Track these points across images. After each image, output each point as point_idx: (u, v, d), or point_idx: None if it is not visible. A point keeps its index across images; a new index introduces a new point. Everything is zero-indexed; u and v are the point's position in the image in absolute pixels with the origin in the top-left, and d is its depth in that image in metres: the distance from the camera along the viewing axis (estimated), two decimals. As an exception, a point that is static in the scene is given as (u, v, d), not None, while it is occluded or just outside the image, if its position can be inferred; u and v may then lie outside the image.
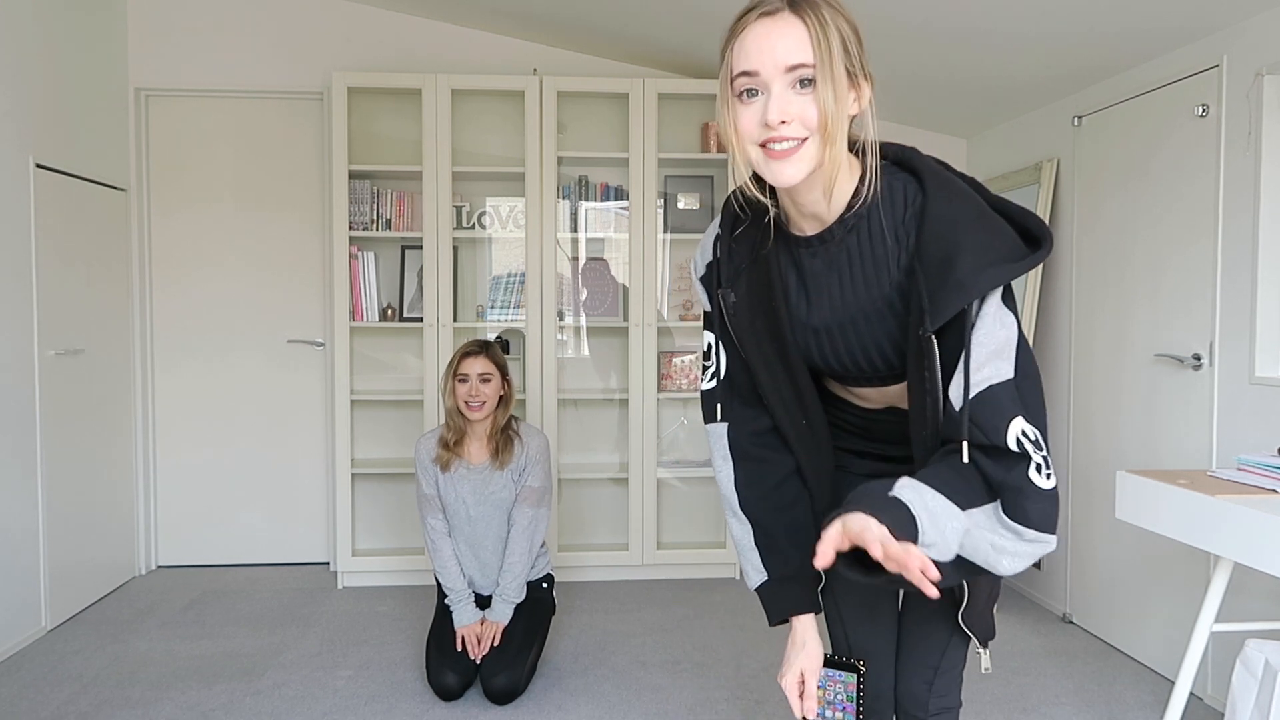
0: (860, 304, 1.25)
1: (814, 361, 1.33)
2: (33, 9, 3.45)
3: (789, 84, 1.13)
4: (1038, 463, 1.15)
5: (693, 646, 3.37)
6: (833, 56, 1.11)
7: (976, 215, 1.17)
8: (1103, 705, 2.85)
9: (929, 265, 1.15)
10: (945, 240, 1.15)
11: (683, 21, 3.70)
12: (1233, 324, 2.74)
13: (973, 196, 1.19)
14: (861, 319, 1.25)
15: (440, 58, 4.28)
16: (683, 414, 4.42)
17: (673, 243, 4.32)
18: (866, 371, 1.31)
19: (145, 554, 4.29)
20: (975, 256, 1.13)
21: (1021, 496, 1.14)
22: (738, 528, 1.47)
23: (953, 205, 1.17)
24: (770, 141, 1.14)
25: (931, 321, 1.14)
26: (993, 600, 1.48)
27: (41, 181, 3.47)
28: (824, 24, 1.12)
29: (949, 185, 1.19)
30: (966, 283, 1.12)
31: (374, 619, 3.66)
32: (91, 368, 3.84)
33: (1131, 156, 3.19)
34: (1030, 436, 1.15)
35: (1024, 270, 1.13)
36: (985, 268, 1.12)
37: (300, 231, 4.35)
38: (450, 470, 3.00)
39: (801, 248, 1.27)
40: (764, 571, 1.45)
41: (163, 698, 2.90)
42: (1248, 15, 2.66)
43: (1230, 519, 1.98)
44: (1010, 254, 1.14)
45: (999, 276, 1.13)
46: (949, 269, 1.13)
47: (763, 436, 1.44)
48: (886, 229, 1.21)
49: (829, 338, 1.29)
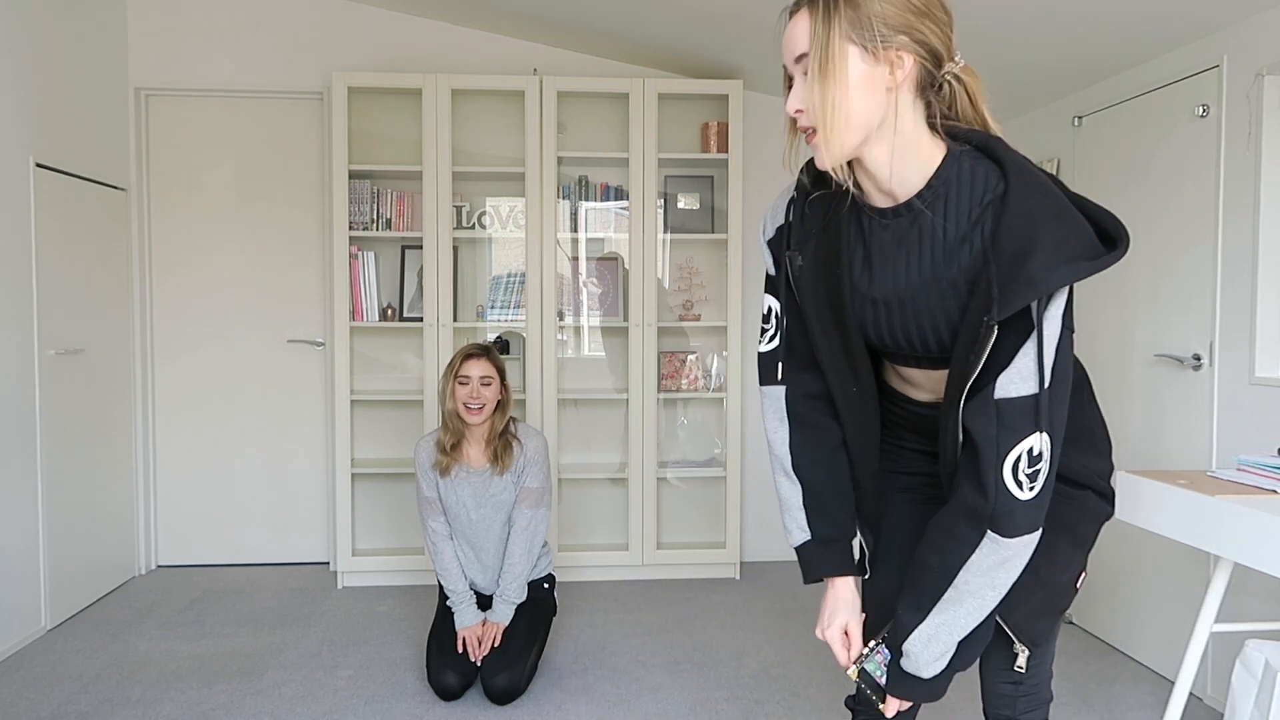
0: (924, 281, 1.27)
1: (868, 334, 1.35)
2: (33, 9, 3.45)
3: (801, 74, 1.20)
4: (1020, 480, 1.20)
5: (693, 646, 3.37)
6: (827, 38, 1.15)
7: (1056, 211, 1.17)
8: (1103, 705, 2.85)
9: (1003, 255, 1.16)
10: (1022, 233, 1.15)
11: (683, 21, 3.70)
12: (1233, 324, 2.74)
13: (1054, 191, 1.20)
14: (922, 296, 1.27)
15: (440, 58, 4.28)
16: (683, 414, 4.42)
17: (673, 243, 4.32)
18: (918, 350, 1.32)
19: (145, 554, 4.29)
20: (1050, 253, 1.13)
21: (1011, 516, 1.21)
22: (787, 487, 1.50)
23: (1033, 199, 1.17)
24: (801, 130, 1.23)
25: (999, 311, 1.16)
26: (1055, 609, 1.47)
27: (41, 181, 3.47)
28: (830, 8, 1.15)
29: (1032, 178, 1.20)
30: (1038, 278, 1.13)
31: (374, 619, 3.66)
32: (91, 368, 3.84)
33: (1132, 156, 3.19)
34: (1034, 453, 1.19)
35: (1097, 270, 1.14)
36: (1059, 265, 1.13)
37: (300, 231, 4.35)
38: (450, 475, 2.99)
39: (874, 219, 1.30)
40: (808, 531, 1.49)
41: (163, 697, 2.90)
42: (1248, 15, 2.66)
43: (1230, 519, 1.98)
44: (1085, 252, 1.14)
45: (1071, 274, 1.14)
46: (1022, 262, 1.14)
47: (818, 401, 1.47)
48: (962, 212, 1.22)
49: (887, 311, 1.31)
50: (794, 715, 2.79)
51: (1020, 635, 1.46)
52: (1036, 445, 1.18)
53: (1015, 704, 1.54)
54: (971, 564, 1.26)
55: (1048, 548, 1.38)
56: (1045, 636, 1.48)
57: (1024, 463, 1.19)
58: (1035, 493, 1.20)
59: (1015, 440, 1.18)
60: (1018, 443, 1.18)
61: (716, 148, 4.17)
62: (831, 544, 1.49)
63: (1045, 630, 1.47)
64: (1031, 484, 1.19)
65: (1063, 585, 1.44)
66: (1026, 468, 1.19)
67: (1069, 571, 1.43)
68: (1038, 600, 1.43)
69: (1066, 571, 1.43)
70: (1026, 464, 1.19)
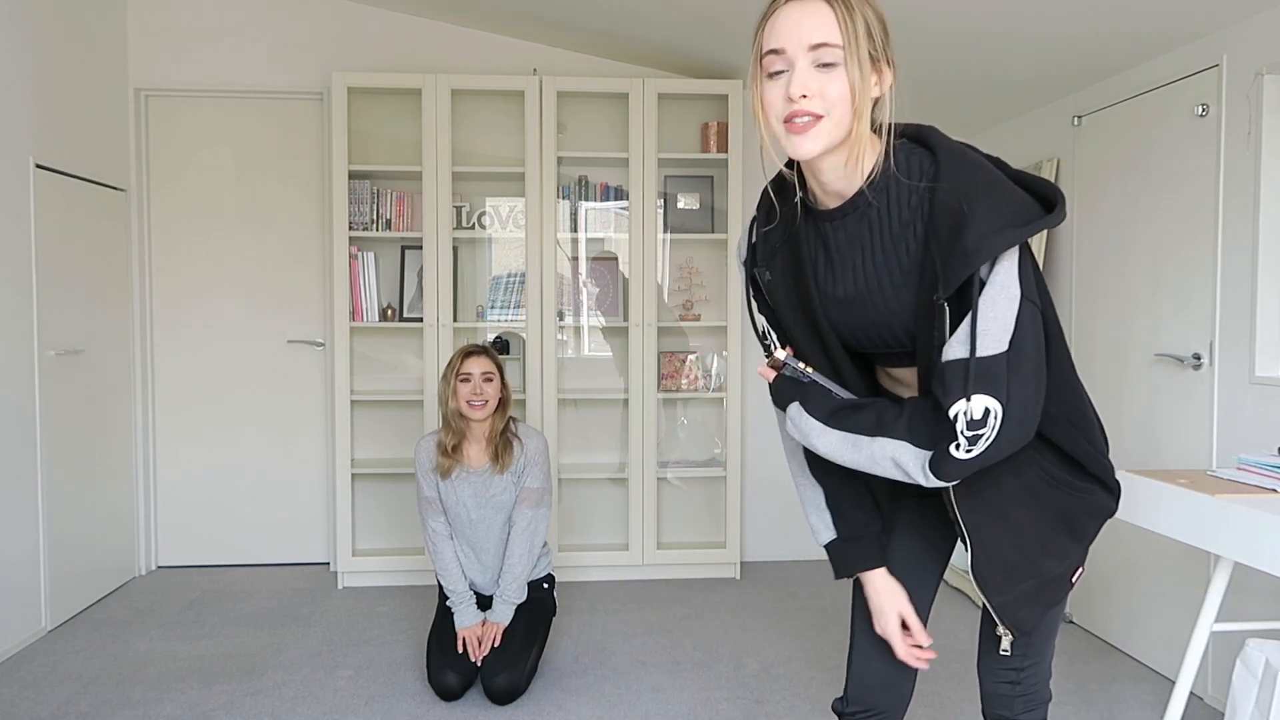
0: (880, 275, 1.30)
1: (843, 336, 1.38)
2: (33, 9, 3.45)
3: (811, 62, 1.21)
4: (959, 443, 1.22)
5: (693, 646, 3.37)
6: (858, 38, 1.20)
7: (985, 184, 1.21)
8: (1103, 705, 2.85)
9: (940, 233, 1.21)
10: (955, 209, 1.20)
11: (683, 21, 3.70)
12: (1233, 324, 2.74)
13: (985, 165, 1.24)
14: (880, 290, 1.31)
15: (440, 58, 4.28)
16: (683, 414, 4.42)
17: (673, 243, 4.32)
18: (892, 345, 1.35)
19: (145, 554, 4.29)
20: (982, 223, 1.17)
21: (942, 459, 1.24)
22: (809, 489, 1.53)
23: (962, 174, 1.22)
24: (792, 116, 1.21)
25: (944, 288, 1.19)
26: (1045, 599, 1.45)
27: (41, 181, 3.47)
28: (850, 9, 1.20)
29: (960, 156, 1.25)
30: (972, 249, 1.17)
31: (374, 619, 3.66)
32: (91, 368, 3.83)
33: (1131, 156, 3.19)
34: (976, 418, 1.20)
35: (1030, 234, 1.18)
36: (991, 234, 1.17)
37: (300, 231, 4.35)
38: (451, 476, 2.99)
39: (825, 221, 1.33)
40: (834, 530, 1.52)
41: (163, 698, 2.90)
42: (1247, 15, 2.66)
43: (1230, 518, 1.98)
44: (1017, 219, 1.18)
45: (1005, 241, 1.17)
46: (958, 236, 1.18)
47: None
48: (903, 201, 1.27)
49: (854, 310, 1.34)
50: (794, 715, 2.78)
51: (1004, 618, 1.45)
52: (975, 411, 1.20)
53: (1013, 704, 1.54)
54: (878, 442, 1.29)
55: (1043, 536, 1.39)
56: (1031, 625, 1.46)
57: (961, 424, 1.21)
58: (971, 455, 1.22)
59: (950, 400, 1.21)
60: (952, 403, 1.21)
61: (716, 148, 4.17)
62: (857, 541, 1.51)
63: (1030, 618, 1.46)
64: (970, 447, 1.22)
65: (1056, 576, 1.43)
66: (965, 429, 1.21)
67: (1065, 563, 1.43)
68: (1026, 587, 1.42)
69: (1062, 563, 1.42)
70: (965, 426, 1.21)
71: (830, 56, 1.19)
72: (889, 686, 1.56)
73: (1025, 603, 1.44)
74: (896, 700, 1.57)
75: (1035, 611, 1.45)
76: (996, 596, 1.43)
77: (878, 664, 1.56)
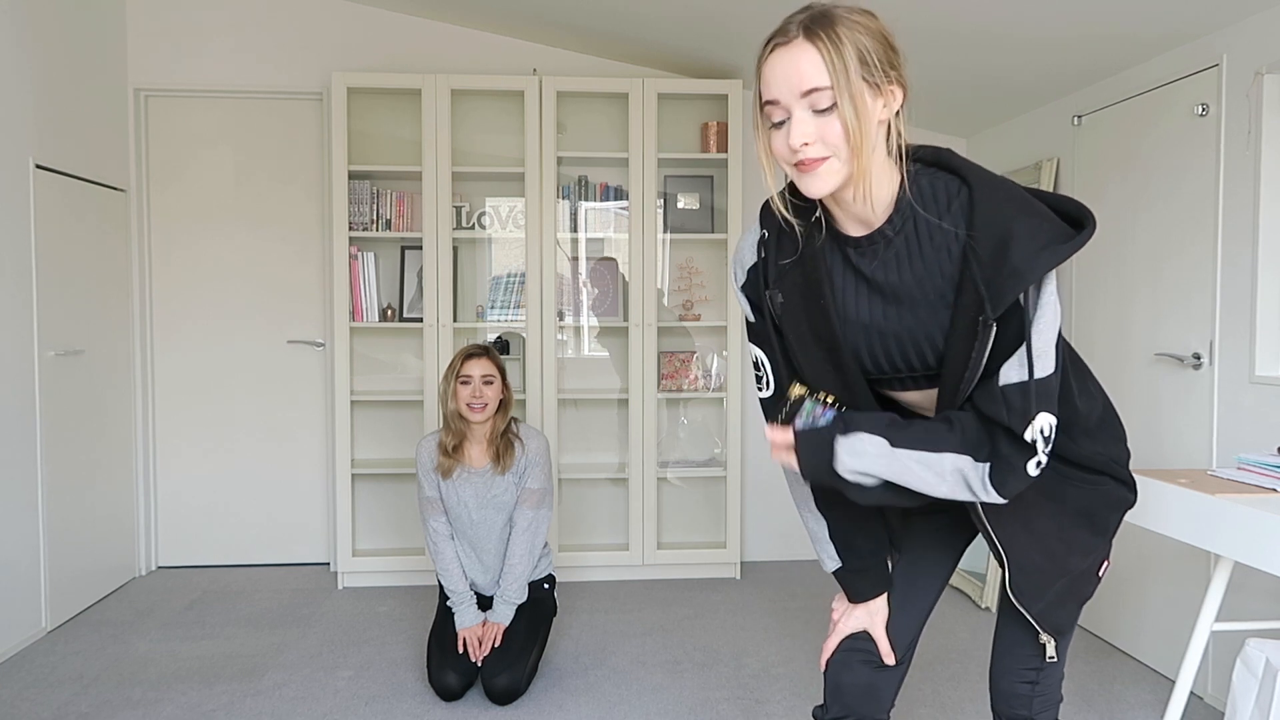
0: (914, 298, 1.28)
1: (863, 360, 1.35)
2: (32, 9, 3.45)
3: (806, 107, 1.19)
4: (1040, 459, 1.23)
5: (693, 646, 3.37)
6: (849, 74, 1.17)
7: (1021, 204, 1.21)
8: (1103, 705, 2.85)
9: (983, 254, 1.20)
10: (996, 229, 1.19)
11: (682, 21, 3.70)
12: (1233, 323, 2.74)
13: (1015, 187, 1.25)
14: (912, 314, 1.29)
15: (440, 58, 4.28)
16: (683, 414, 4.42)
17: (673, 243, 4.32)
18: (916, 369, 1.33)
19: (145, 554, 4.28)
20: (1027, 243, 1.17)
21: (1012, 474, 1.24)
22: (814, 522, 1.54)
23: (997, 196, 1.22)
24: (798, 161, 1.21)
25: (993, 308, 1.19)
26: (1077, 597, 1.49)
27: (41, 182, 3.47)
28: (838, 43, 1.17)
29: (991, 178, 1.25)
30: (1022, 269, 1.16)
31: (374, 619, 3.66)
32: (91, 368, 3.83)
33: (1131, 156, 3.19)
34: (1046, 434, 1.22)
35: (1074, 250, 1.18)
36: (1039, 252, 1.17)
37: (300, 232, 4.35)
38: (452, 476, 2.99)
39: (851, 248, 1.31)
40: (839, 560, 1.55)
41: (163, 698, 2.90)
42: (1247, 15, 2.66)
43: (1230, 518, 1.98)
44: (1058, 236, 1.18)
45: (1052, 259, 1.17)
46: (1004, 257, 1.18)
47: None
48: (934, 224, 1.26)
49: (880, 335, 1.32)
50: (794, 715, 2.78)
51: (1044, 624, 1.47)
52: (1045, 428, 1.22)
53: (1031, 704, 1.54)
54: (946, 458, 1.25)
55: (1065, 532, 1.40)
56: (1069, 624, 1.50)
57: (1040, 443, 1.22)
58: (1040, 469, 1.24)
59: (1017, 422, 1.22)
60: (1021, 424, 1.22)
61: (716, 147, 4.17)
62: (864, 571, 1.53)
63: (1067, 618, 1.49)
64: (1043, 461, 1.24)
65: (1084, 572, 1.46)
66: (1043, 446, 1.22)
67: (1090, 558, 1.45)
68: (1059, 587, 1.44)
69: (1087, 558, 1.45)
70: (1042, 443, 1.22)
71: (824, 101, 1.17)
72: (867, 692, 1.56)
73: (1059, 604, 1.47)
74: (876, 706, 1.57)
75: (1070, 611, 1.49)
76: (1034, 605, 1.45)
77: (852, 673, 1.56)
